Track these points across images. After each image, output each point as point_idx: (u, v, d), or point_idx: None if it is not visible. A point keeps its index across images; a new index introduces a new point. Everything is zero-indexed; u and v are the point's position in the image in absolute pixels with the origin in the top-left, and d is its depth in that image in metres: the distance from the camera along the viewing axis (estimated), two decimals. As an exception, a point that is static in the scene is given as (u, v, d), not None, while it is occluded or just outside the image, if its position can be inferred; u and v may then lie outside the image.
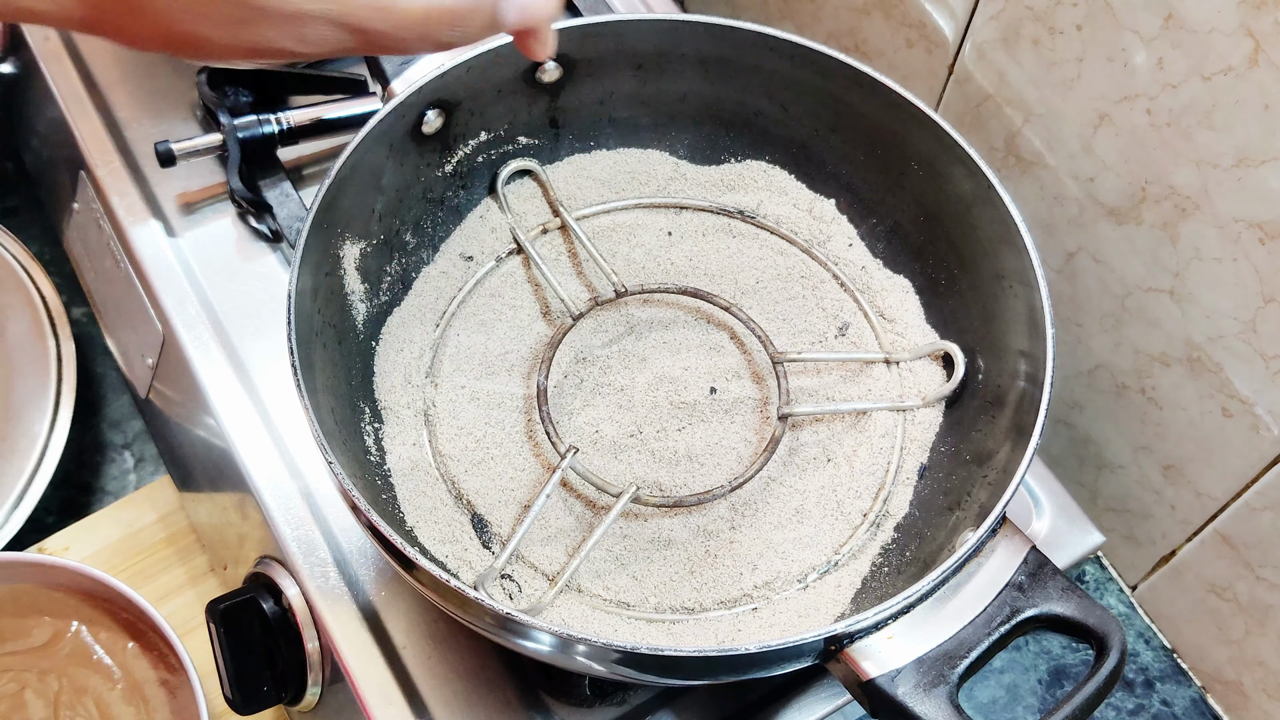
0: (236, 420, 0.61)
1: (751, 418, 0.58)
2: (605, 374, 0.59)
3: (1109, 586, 0.72)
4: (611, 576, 0.54)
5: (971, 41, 0.64)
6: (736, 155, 0.65)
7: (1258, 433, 0.58)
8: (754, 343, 0.59)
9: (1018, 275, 0.55)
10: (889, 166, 0.61)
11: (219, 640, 0.56)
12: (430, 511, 0.54)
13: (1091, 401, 0.67)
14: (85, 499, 0.76)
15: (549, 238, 0.63)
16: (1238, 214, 0.54)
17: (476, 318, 0.60)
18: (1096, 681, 0.46)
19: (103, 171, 0.69)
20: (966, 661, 0.46)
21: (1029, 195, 0.65)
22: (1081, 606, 0.47)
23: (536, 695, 0.55)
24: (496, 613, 0.44)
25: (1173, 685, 0.69)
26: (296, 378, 0.48)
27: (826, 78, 0.59)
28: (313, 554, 0.58)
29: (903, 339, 0.60)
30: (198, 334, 0.63)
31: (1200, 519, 0.64)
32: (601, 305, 0.60)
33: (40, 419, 0.72)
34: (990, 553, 0.49)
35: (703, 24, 0.59)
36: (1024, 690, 0.68)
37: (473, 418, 0.57)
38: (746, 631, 0.53)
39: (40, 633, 0.66)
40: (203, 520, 0.70)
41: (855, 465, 0.57)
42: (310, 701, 0.59)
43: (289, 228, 0.64)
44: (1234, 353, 0.57)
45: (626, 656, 0.45)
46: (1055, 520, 0.62)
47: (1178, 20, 0.52)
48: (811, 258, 0.63)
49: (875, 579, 0.54)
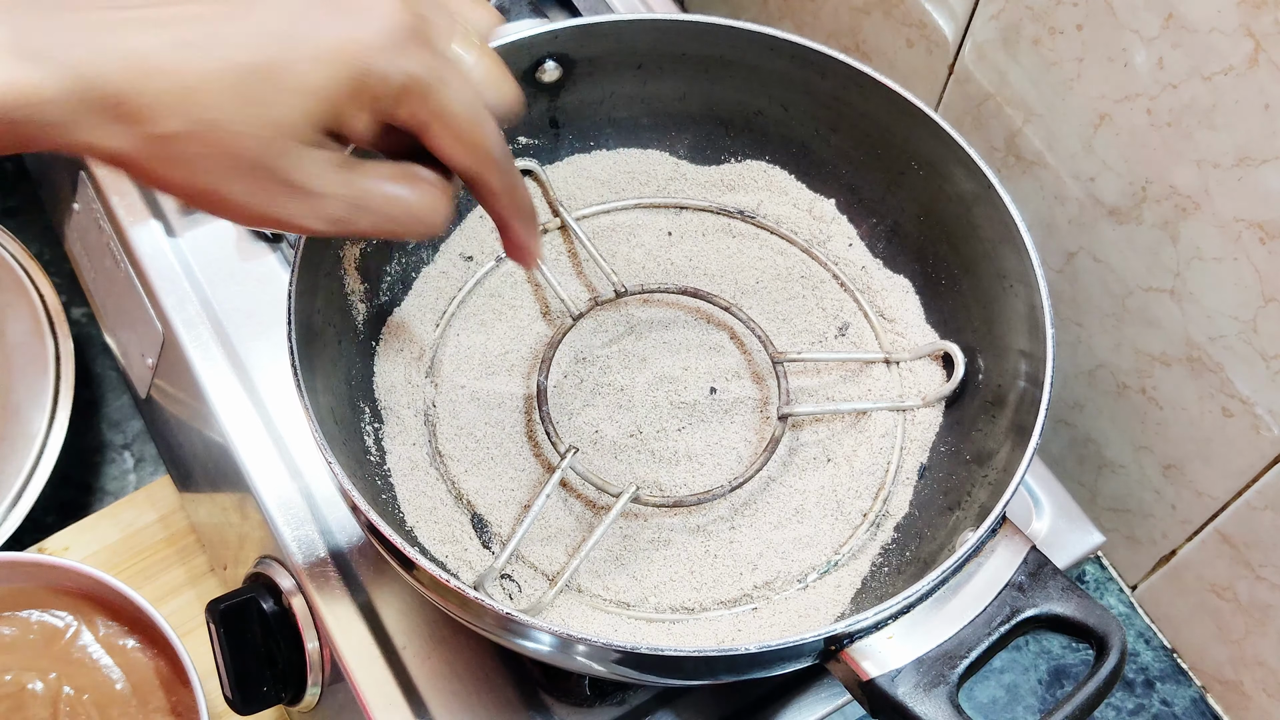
0: (236, 420, 0.61)
1: (751, 418, 0.58)
2: (605, 374, 0.59)
3: (1109, 586, 0.72)
4: (611, 576, 0.54)
5: (971, 41, 0.64)
6: (736, 155, 0.64)
7: (1258, 432, 0.58)
8: (754, 343, 0.59)
9: (1018, 275, 0.55)
10: (889, 166, 0.61)
11: (219, 640, 0.56)
12: (430, 511, 0.54)
13: (1092, 401, 0.67)
14: (85, 499, 0.76)
15: (549, 238, 0.63)
16: (1238, 214, 0.54)
17: (476, 318, 0.60)
18: (1096, 681, 0.46)
19: (103, 171, 0.69)
20: (966, 661, 0.46)
21: (1029, 195, 0.65)
22: (1081, 606, 0.47)
23: (536, 695, 0.55)
24: (496, 613, 0.44)
25: (1173, 685, 0.69)
26: (296, 378, 0.48)
27: (826, 78, 0.59)
28: (313, 554, 0.58)
29: (903, 339, 0.60)
30: (198, 334, 0.63)
31: (1200, 519, 0.64)
32: (601, 305, 0.60)
33: (39, 418, 0.72)
34: (990, 553, 0.49)
35: (703, 24, 0.59)
36: (1024, 690, 0.68)
37: (473, 418, 0.57)
38: (746, 631, 0.53)
39: (40, 633, 0.66)
40: (203, 520, 0.70)
41: (855, 465, 0.57)
42: (310, 701, 0.59)
43: (289, 228, 0.64)
44: (1234, 352, 0.57)
45: (626, 656, 0.45)
46: (1055, 520, 0.62)
47: (1178, 20, 0.52)
48: (811, 258, 0.63)
49: (875, 579, 0.54)
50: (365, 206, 0.39)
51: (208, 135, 0.36)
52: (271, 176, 0.37)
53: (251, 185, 0.37)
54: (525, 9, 0.71)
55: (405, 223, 0.40)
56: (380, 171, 0.40)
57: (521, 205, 0.44)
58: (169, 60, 0.35)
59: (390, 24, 0.37)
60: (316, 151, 0.37)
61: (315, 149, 0.37)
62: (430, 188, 0.41)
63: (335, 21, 0.36)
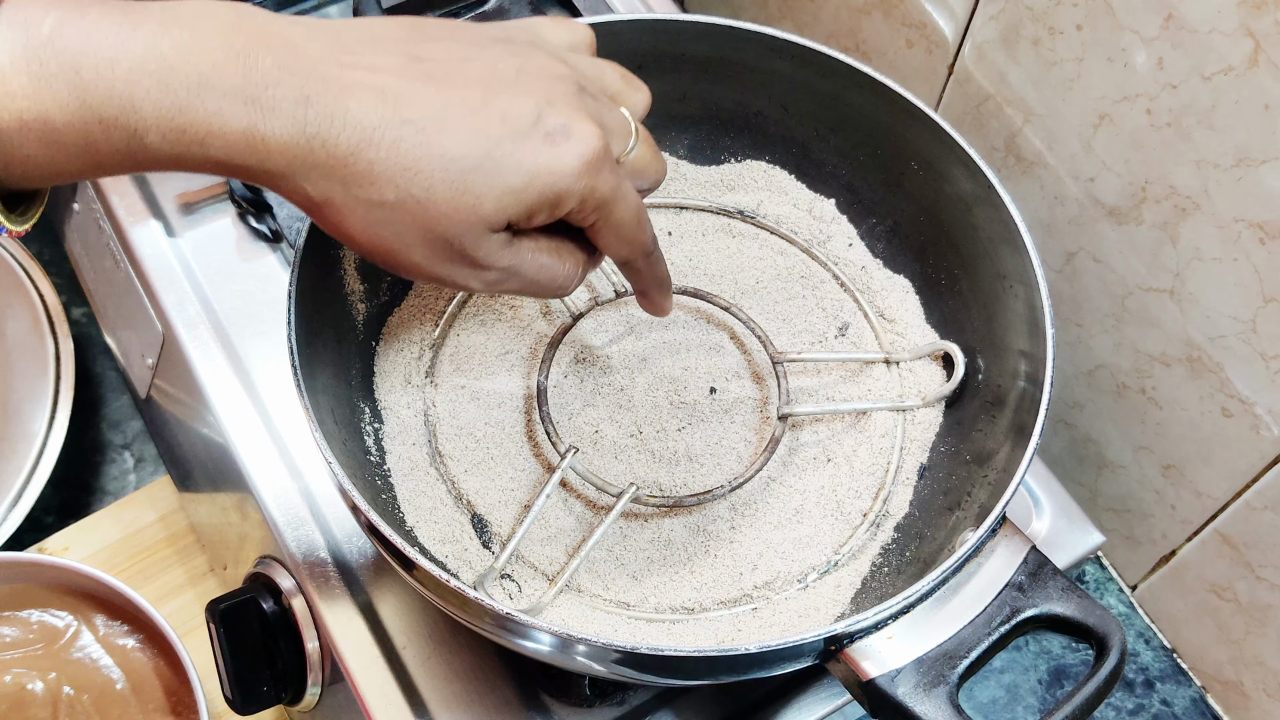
0: (236, 420, 0.61)
1: (751, 418, 0.58)
2: (605, 374, 0.59)
3: (1109, 586, 0.72)
4: (611, 576, 0.54)
5: (971, 41, 0.64)
6: (736, 155, 0.64)
7: (1258, 433, 0.58)
8: (754, 343, 0.59)
9: (1018, 275, 0.55)
10: (889, 166, 0.61)
11: (219, 640, 0.56)
12: (430, 511, 0.54)
13: (1092, 401, 0.67)
14: (85, 499, 0.76)
15: (549, 238, 0.63)
16: (1238, 214, 0.54)
17: (476, 317, 0.60)
18: (1096, 681, 0.46)
19: (102, 171, 0.69)
20: (966, 661, 0.46)
21: (1029, 195, 0.65)
22: (1081, 606, 0.47)
23: (536, 695, 0.55)
24: (496, 613, 0.44)
25: (1173, 685, 0.69)
26: (296, 378, 0.48)
27: (826, 78, 0.59)
28: (313, 554, 0.58)
29: (903, 339, 0.60)
30: (198, 334, 0.63)
31: (1200, 519, 0.64)
32: (601, 305, 0.60)
33: (39, 418, 0.72)
34: (990, 553, 0.49)
35: (703, 24, 0.59)
36: (1024, 690, 0.68)
37: (473, 418, 0.57)
38: (746, 631, 0.53)
39: (40, 633, 0.66)
40: (203, 520, 0.70)
41: (855, 465, 0.57)
42: (310, 701, 0.59)
43: (289, 228, 0.64)
44: (1234, 353, 0.57)
45: (626, 656, 0.45)
46: (1055, 520, 0.62)
47: (1178, 20, 0.52)
48: (811, 258, 0.63)
49: (875, 579, 0.54)
50: (519, 274, 0.43)
51: (415, 209, 0.39)
52: (458, 252, 0.41)
53: (434, 254, 0.41)
54: (525, 9, 0.71)
55: (548, 287, 0.45)
56: (537, 246, 0.43)
57: (662, 280, 0.50)
58: (401, 136, 0.38)
59: (589, 152, 0.40)
60: (497, 234, 0.41)
61: (498, 233, 0.41)
62: (574, 261, 0.45)
63: (547, 146, 0.40)
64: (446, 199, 0.39)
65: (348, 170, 0.38)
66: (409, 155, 0.38)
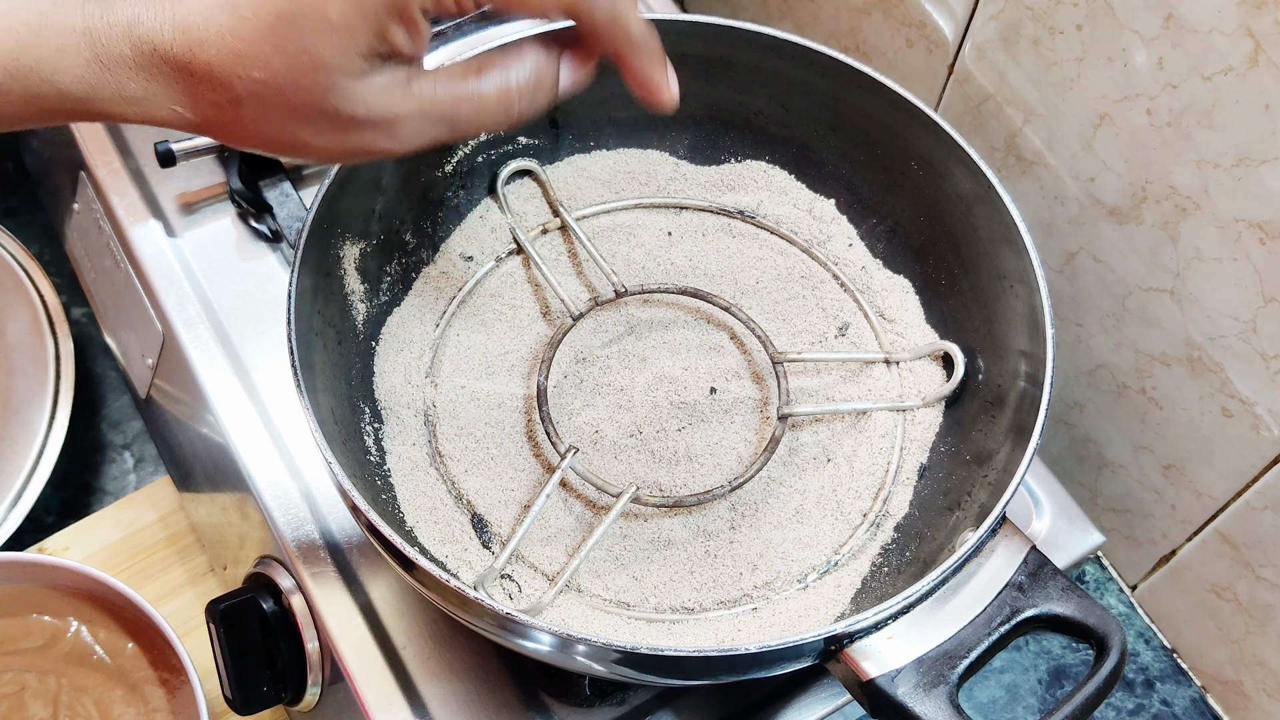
0: (236, 420, 0.61)
1: (751, 418, 0.58)
2: (605, 374, 0.59)
3: (1109, 586, 0.72)
4: (611, 576, 0.54)
5: (971, 41, 0.64)
6: (736, 155, 0.64)
7: (1258, 432, 0.58)
8: (754, 343, 0.59)
9: (1018, 275, 0.55)
10: (889, 166, 0.61)
11: (219, 640, 0.56)
12: (430, 511, 0.54)
13: (1092, 401, 0.67)
14: (85, 499, 0.76)
15: (549, 238, 0.63)
16: (1238, 214, 0.54)
17: (476, 318, 0.60)
18: (1096, 681, 0.46)
19: (103, 171, 0.69)
20: (966, 661, 0.46)
21: (1029, 195, 0.65)
22: (1081, 606, 0.47)
23: (536, 695, 0.55)
24: (496, 613, 0.44)
25: (1173, 685, 0.69)
26: (296, 378, 0.48)
27: (826, 78, 0.59)
28: (313, 554, 0.58)
29: (903, 339, 0.60)
30: (198, 334, 0.63)
31: (1200, 519, 0.64)
32: (601, 305, 0.60)
33: (39, 418, 0.72)
34: (990, 553, 0.49)
35: (703, 24, 0.59)
36: (1024, 690, 0.68)
37: (473, 418, 0.57)
38: (746, 631, 0.53)
39: (40, 633, 0.66)
40: (202, 520, 0.70)
41: (855, 465, 0.57)
42: (310, 701, 0.59)
43: (289, 228, 0.64)
44: (1234, 353, 0.57)
45: (626, 656, 0.45)
46: (1055, 520, 0.62)
47: (1178, 20, 0.52)
48: (811, 258, 0.63)
49: (875, 579, 0.54)
50: (439, 115, 0.39)
51: (269, 93, 0.37)
52: (333, 116, 0.37)
53: (321, 129, 0.38)
54: (525, 9, 0.71)
55: (488, 116, 0.40)
56: (447, 73, 0.39)
57: (632, 34, 0.41)
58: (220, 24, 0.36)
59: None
60: (369, 80, 0.37)
61: (366, 78, 0.37)
62: (499, 72, 0.40)
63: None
64: (285, 66, 0.36)
65: (196, 80, 0.37)
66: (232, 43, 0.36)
